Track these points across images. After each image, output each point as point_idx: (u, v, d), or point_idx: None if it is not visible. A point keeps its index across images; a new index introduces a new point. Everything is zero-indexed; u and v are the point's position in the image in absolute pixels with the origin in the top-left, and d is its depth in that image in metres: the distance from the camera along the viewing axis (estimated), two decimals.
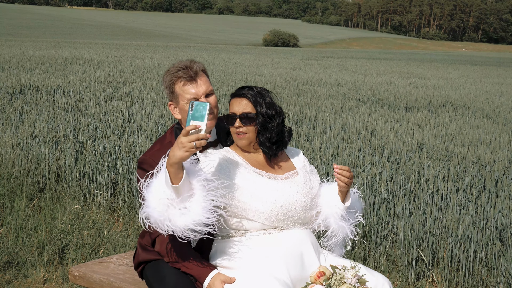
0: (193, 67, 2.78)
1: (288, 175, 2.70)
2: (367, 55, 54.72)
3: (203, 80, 2.79)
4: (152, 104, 11.02)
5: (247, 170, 2.64)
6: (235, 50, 50.70)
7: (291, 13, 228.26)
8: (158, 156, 2.74)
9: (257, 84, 16.48)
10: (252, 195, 2.58)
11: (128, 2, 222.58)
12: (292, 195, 2.63)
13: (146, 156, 2.81)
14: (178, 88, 2.78)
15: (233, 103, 2.69)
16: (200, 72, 2.79)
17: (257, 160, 2.71)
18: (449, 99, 15.15)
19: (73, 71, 17.64)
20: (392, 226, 5.07)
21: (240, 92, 2.69)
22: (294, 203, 2.63)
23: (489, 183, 6.13)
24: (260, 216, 2.58)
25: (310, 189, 2.71)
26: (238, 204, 2.58)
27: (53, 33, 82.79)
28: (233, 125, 2.66)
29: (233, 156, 2.68)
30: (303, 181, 2.70)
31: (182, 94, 2.77)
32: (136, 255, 2.94)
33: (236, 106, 2.67)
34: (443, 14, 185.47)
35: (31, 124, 8.08)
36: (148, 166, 2.76)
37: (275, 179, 2.66)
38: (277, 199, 2.59)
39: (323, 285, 2.48)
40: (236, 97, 2.70)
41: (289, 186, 2.65)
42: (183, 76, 2.76)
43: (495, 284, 4.34)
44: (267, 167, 2.70)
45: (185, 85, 2.76)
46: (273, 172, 2.69)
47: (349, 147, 7.86)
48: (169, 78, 2.80)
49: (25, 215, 5.18)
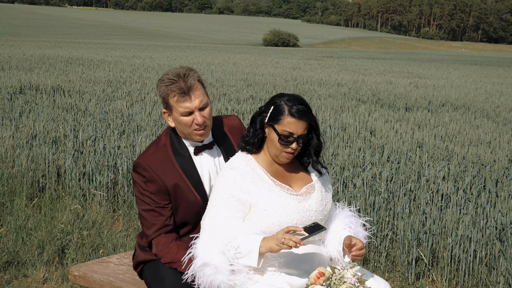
0: (187, 80, 2.72)
1: (305, 190, 2.66)
2: (367, 55, 54.71)
3: (197, 94, 2.73)
4: (152, 104, 11.02)
5: (267, 185, 2.60)
6: (235, 50, 50.68)
7: (291, 13, 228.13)
8: (152, 159, 2.78)
9: (257, 83, 16.49)
10: (269, 212, 2.57)
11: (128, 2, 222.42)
12: (308, 213, 2.61)
13: (140, 160, 2.81)
14: (172, 101, 2.75)
15: (291, 122, 2.55)
16: (194, 85, 2.73)
17: (278, 170, 2.67)
18: (449, 99, 15.15)
19: (73, 71, 17.63)
20: (392, 226, 5.07)
21: (302, 116, 2.56)
22: (311, 221, 2.62)
23: (489, 183, 6.12)
24: (274, 232, 2.56)
25: (325, 205, 2.70)
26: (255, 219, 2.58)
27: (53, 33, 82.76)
28: (288, 146, 2.58)
29: (255, 167, 2.64)
30: (320, 198, 2.67)
31: (176, 107, 2.74)
32: (135, 255, 2.95)
33: (295, 126, 2.55)
34: (443, 14, 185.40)
35: (31, 124, 8.08)
36: (142, 170, 2.78)
37: (291, 194, 2.62)
38: (293, 217, 2.57)
39: (323, 285, 2.48)
40: (295, 118, 2.55)
41: (308, 205, 2.62)
42: (176, 91, 2.71)
43: (495, 284, 4.33)
44: (286, 179, 2.66)
45: (178, 100, 2.72)
46: (292, 184, 2.66)
47: (349, 146, 7.86)
48: (163, 89, 2.76)
49: (25, 215, 5.18)
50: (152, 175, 2.77)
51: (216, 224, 2.56)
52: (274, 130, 2.58)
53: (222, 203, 2.57)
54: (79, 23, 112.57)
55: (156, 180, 2.76)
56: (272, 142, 2.61)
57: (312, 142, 2.65)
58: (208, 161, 2.85)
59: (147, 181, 2.78)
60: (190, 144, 2.84)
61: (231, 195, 2.57)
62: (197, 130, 2.76)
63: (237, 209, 2.56)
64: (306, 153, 2.70)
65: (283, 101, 2.59)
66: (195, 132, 2.76)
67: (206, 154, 2.85)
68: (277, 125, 2.57)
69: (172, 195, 2.78)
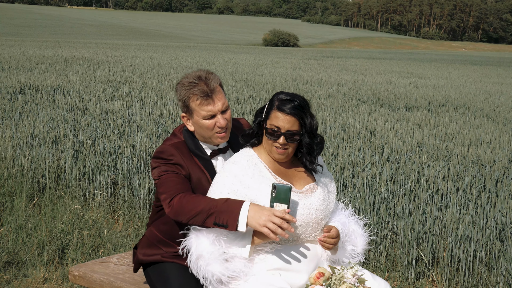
0: (209, 83, 2.69)
1: (307, 189, 2.65)
2: (367, 55, 54.71)
3: (219, 97, 2.71)
4: (152, 104, 11.02)
5: (268, 181, 2.58)
6: (235, 50, 50.68)
7: (291, 13, 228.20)
8: (178, 147, 2.73)
9: (257, 83, 16.49)
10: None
11: (128, 2, 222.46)
12: (309, 211, 2.61)
13: (165, 146, 2.74)
14: (194, 105, 2.71)
15: (278, 117, 2.55)
16: (216, 88, 2.71)
17: (280, 168, 2.66)
18: (449, 98, 15.15)
19: (73, 71, 17.63)
20: (392, 226, 5.07)
21: (290, 111, 2.54)
22: (311, 219, 2.61)
23: (489, 183, 6.12)
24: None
25: (328, 204, 2.69)
26: None
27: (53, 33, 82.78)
28: (275, 141, 2.57)
29: (257, 163, 2.63)
30: (322, 197, 2.66)
31: (198, 111, 2.71)
32: (134, 258, 2.94)
33: (282, 121, 2.54)
34: (443, 13, 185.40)
35: (31, 124, 8.08)
36: (168, 155, 2.71)
37: (292, 191, 2.60)
38: (293, 214, 2.56)
39: (323, 285, 2.48)
40: (282, 112, 2.55)
41: (309, 202, 2.61)
42: (199, 94, 2.68)
43: (495, 283, 4.33)
44: (288, 176, 2.65)
45: (201, 103, 2.69)
46: (294, 182, 2.65)
47: (349, 146, 7.86)
48: (184, 93, 2.72)
49: (25, 215, 5.18)
50: (179, 159, 2.70)
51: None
52: (265, 125, 2.61)
53: (219, 195, 2.57)
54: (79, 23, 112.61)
55: (182, 165, 2.70)
56: (265, 138, 2.63)
57: (304, 140, 2.63)
58: (222, 165, 2.80)
59: (174, 164, 2.69)
60: (207, 147, 2.81)
61: (230, 189, 2.57)
62: (219, 133, 2.73)
63: None
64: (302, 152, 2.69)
65: (277, 97, 2.61)
66: (217, 135, 2.73)
67: (221, 158, 2.82)
68: (267, 121, 2.60)
69: (193, 186, 2.71)
